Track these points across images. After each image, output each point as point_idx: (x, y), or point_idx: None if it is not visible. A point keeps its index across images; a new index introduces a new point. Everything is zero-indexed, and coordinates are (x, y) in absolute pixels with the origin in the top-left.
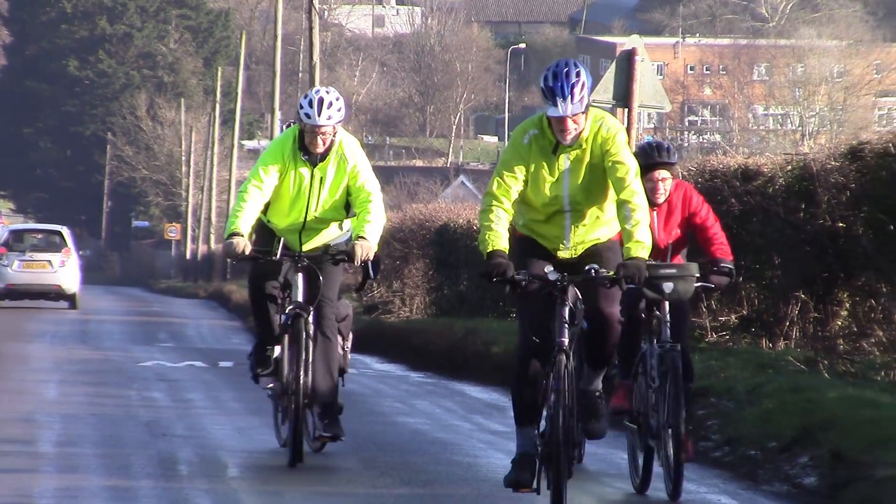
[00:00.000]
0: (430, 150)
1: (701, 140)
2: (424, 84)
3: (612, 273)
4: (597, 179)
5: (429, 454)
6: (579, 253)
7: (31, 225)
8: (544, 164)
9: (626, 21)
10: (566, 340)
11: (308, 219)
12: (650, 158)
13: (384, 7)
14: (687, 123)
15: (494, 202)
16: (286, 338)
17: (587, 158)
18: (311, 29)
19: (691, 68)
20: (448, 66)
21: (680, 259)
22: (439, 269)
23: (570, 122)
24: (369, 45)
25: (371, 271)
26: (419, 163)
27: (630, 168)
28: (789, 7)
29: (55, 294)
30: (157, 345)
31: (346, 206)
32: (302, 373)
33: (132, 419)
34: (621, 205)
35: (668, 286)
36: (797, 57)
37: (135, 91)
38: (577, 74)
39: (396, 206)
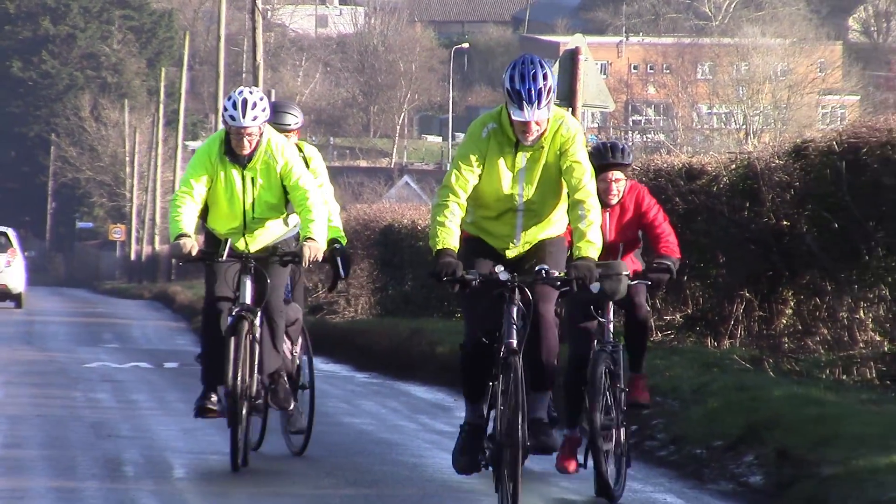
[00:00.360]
0: (374, 150)
1: (645, 139)
2: (368, 84)
3: (562, 273)
4: (551, 179)
5: (374, 454)
6: (524, 251)
7: None
8: (501, 160)
9: (569, 20)
10: (515, 341)
11: (247, 220)
12: (604, 159)
13: (327, 7)
14: (631, 123)
15: (451, 196)
16: (232, 340)
17: (544, 158)
18: (254, 29)
19: (635, 67)
20: (391, 66)
21: (633, 259)
22: (384, 269)
23: (533, 125)
24: (312, 46)
25: (342, 270)
26: (363, 163)
27: (587, 170)
28: (733, 6)
29: (1, 294)
30: (102, 346)
31: (287, 203)
32: (248, 376)
33: (78, 420)
34: (575, 204)
35: (594, 286)
36: (741, 55)
37: (78, 92)
38: (545, 77)
39: (340, 206)
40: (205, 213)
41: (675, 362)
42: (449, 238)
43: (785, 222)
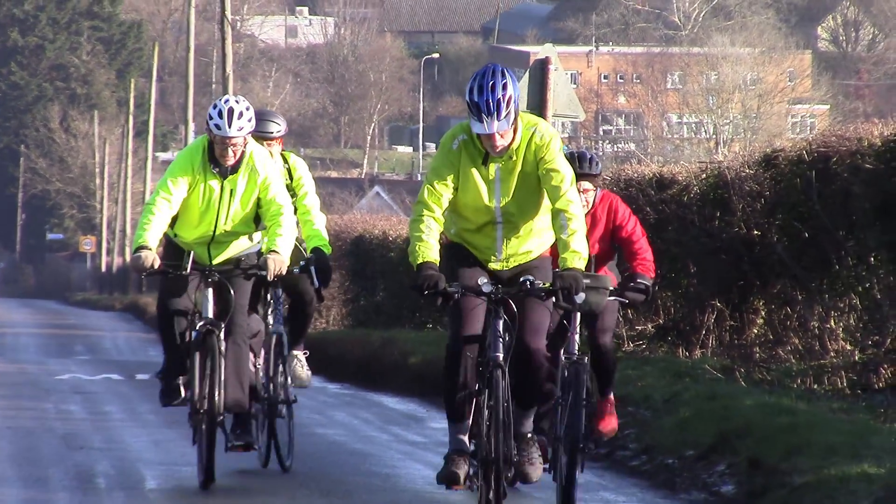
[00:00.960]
0: (345, 160)
1: (615, 149)
2: (338, 94)
3: (547, 284)
4: (529, 189)
5: (347, 465)
6: (511, 266)
7: None
8: (474, 171)
9: (539, 30)
10: (501, 355)
11: (217, 232)
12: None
13: (297, 17)
14: (601, 132)
15: (426, 211)
16: (197, 355)
17: (518, 168)
18: (223, 40)
19: (605, 77)
20: (361, 76)
21: (606, 271)
22: (355, 280)
23: (497, 137)
24: (282, 56)
25: (314, 279)
26: (334, 174)
27: (565, 176)
28: (702, 15)
29: None
30: (73, 357)
31: (256, 219)
32: (215, 390)
33: (49, 432)
34: (556, 214)
35: (579, 297)
36: (710, 65)
37: (48, 103)
38: (504, 87)
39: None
40: (173, 220)
41: (647, 372)
42: (428, 251)
43: (755, 232)
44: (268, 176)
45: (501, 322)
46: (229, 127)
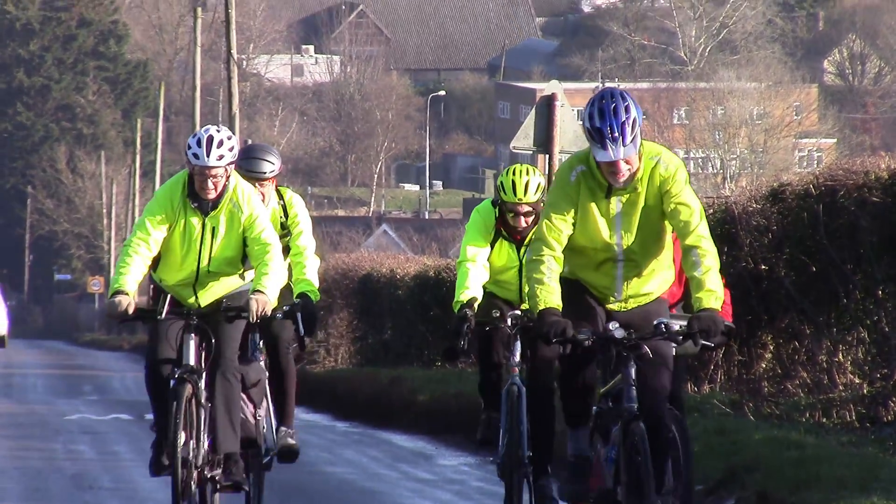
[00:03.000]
0: (352, 199)
1: None
2: (345, 133)
3: (682, 327)
4: (653, 224)
5: (356, 503)
6: (630, 308)
7: None
8: (594, 205)
9: (544, 66)
10: (636, 405)
11: (200, 273)
12: None
13: (303, 56)
14: None
15: (546, 249)
16: (174, 405)
17: (642, 202)
18: (229, 79)
19: None
20: (368, 114)
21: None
22: (363, 318)
23: (622, 164)
24: (289, 95)
25: (300, 327)
26: (341, 212)
27: (695, 209)
28: (708, 50)
29: None
30: (82, 398)
31: (244, 258)
32: (195, 442)
33: (58, 472)
34: (687, 251)
35: (718, 339)
36: (717, 99)
37: (54, 143)
38: (627, 109)
39: (320, 256)
40: (155, 262)
41: None
42: (551, 296)
43: (763, 266)
44: (253, 212)
45: (634, 369)
46: (208, 156)
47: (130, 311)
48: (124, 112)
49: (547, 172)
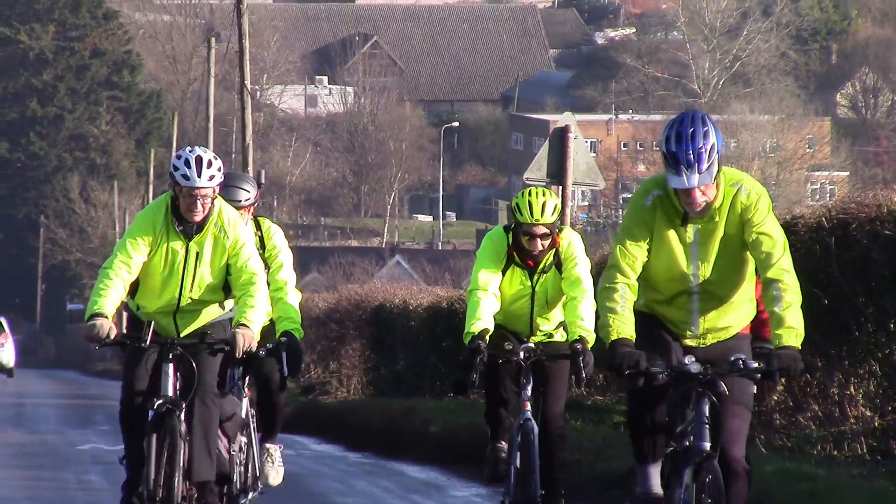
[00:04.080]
0: (365, 229)
1: None
2: (358, 163)
3: (761, 364)
4: (732, 255)
5: None
6: (708, 344)
7: None
8: (670, 232)
9: (558, 98)
10: (708, 444)
11: (182, 301)
12: None
13: (316, 87)
14: (621, 200)
15: (619, 277)
16: (153, 437)
17: (720, 231)
18: (243, 110)
19: (625, 145)
20: (381, 145)
21: None
22: (375, 349)
23: (697, 193)
24: (302, 125)
25: (285, 367)
26: (354, 243)
27: (778, 240)
28: (721, 82)
29: None
30: (93, 427)
31: (226, 286)
32: (176, 476)
33: (69, 502)
34: (768, 284)
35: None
36: (730, 132)
37: (67, 173)
38: (706, 135)
39: (332, 286)
40: (133, 289)
41: None
42: (624, 326)
43: None
44: (238, 238)
45: (709, 406)
46: (199, 176)
47: (113, 335)
48: (137, 142)
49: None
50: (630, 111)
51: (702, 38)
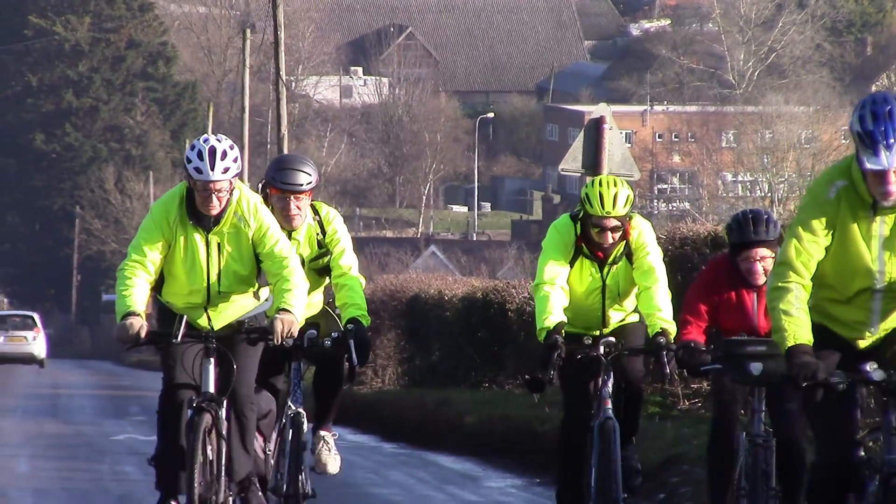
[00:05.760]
0: (400, 220)
1: (670, 208)
2: (393, 154)
3: None
4: None
5: None
6: (881, 336)
7: (11, 311)
8: (855, 226)
9: (593, 89)
10: None
11: (211, 294)
12: (744, 236)
13: (351, 78)
14: (656, 191)
15: (793, 275)
16: (191, 438)
17: None
18: (278, 101)
19: (660, 136)
20: (416, 136)
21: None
22: (410, 339)
23: (892, 176)
24: (337, 116)
25: (354, 358)
26: (389, 233)
27: None
28: (756, 74)
29: (29, 359)
30: (128, 418)
31: (259, 274)
32: (215, 481)
33: (104, 493)
34: None
35: (755, 367)
36: (765, 123)
37: (102, 164)
38: None
39: (367, 276)
40: (158, 285)
41: (703, 430)
42: (800, 330)
43: None
44: (262, 224)
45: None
46: (212, 169)
47: (143, 334)
48: (173, 133)
49: None
50: (665, 102)
51: (737, 29)
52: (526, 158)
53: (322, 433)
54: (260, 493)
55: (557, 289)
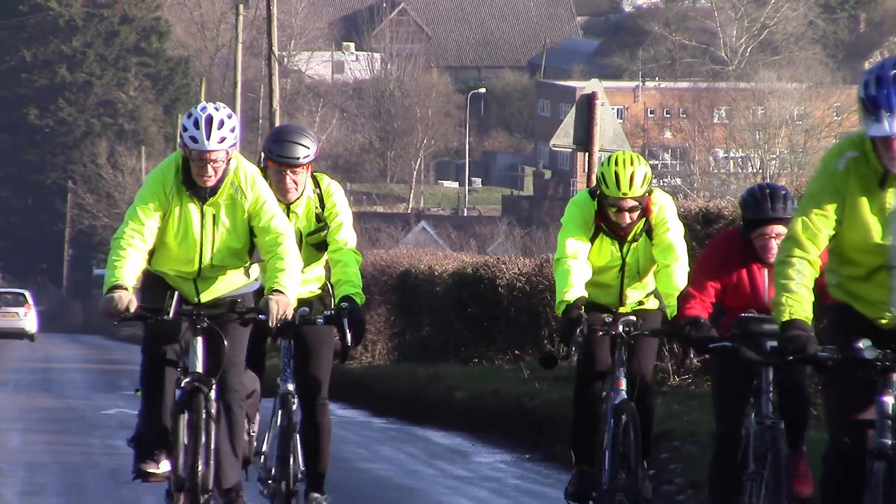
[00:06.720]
0: (391, 195)
1: (662, 184)
2: (384, 130)
3: None
4: None
5: (393, 500)
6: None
7: (2, 289)
8: (866, 199)
9: (585, 65)
10: (889, 442)
11: (203, 267)
12: (761, 212)
13: (343, 53)
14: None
15: (797, 251)
16: (181, 417)
17: None
18: (270, 76)
19: (651, 112)
20: (408, 111)
21: None
22: (401, 314)
23: None
24: (329, 92)
25: (349, 337)
26: (380, 208)
27: None
28: (749, 50)
29: (21, 334)
30: (119, 392)
31: (251, 250)
32: (201, 462)
33: (95, 467)
34: None
35: (772, 346)
36: (757, 100)
37: (95, 139)
38: None
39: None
40: (149, 255)
41: (693, 407)
42: (799, 306)
43: None
44: (259, 197)
45: (892, 400)
46: (208, 139)
47: (132, 308)
48: (165, 108)
49: (586, 171)
50: (657, 78)
51: (729, 5)
52: (517, 134)
53: (314, 496)
54: (243, 496)
55: (580, 262)
